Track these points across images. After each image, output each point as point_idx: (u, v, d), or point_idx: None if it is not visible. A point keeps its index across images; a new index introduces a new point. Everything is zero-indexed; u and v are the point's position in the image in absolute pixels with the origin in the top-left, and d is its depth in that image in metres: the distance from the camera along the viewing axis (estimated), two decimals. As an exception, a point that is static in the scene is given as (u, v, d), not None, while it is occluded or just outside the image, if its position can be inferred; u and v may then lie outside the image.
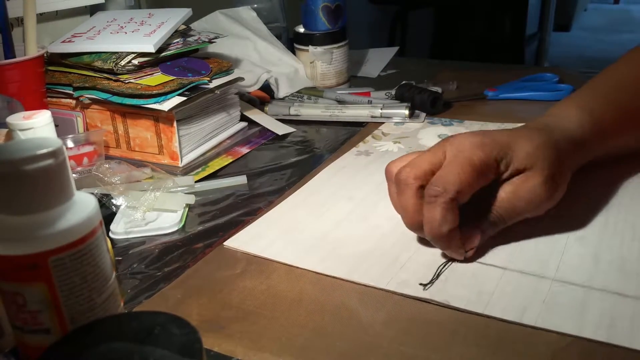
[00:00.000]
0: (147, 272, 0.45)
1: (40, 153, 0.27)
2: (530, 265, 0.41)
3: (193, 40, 0.68)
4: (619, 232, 0.44)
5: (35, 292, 0.28)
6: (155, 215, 0.52)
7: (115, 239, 0.50)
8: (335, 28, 0.83)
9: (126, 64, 0.61)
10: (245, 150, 0.67)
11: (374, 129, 0.69)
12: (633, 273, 0.39)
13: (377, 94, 0.79)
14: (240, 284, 0.42)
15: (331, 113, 0.73)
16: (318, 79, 0.84)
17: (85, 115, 0.64)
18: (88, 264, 0.29)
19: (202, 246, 0.48)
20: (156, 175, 0.58)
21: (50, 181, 0.28)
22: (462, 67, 0.93)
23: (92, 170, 0.56)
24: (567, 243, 0.43)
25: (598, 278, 0.39)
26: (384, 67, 0.97)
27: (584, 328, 0.34)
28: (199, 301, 0.40)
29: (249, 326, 0.37)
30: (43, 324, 0.29)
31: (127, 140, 0.63)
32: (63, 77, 0.64)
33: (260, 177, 0.60)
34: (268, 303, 0.39)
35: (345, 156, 0.62)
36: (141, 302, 0.41)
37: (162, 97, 0.59)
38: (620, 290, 0.37)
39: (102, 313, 0.30)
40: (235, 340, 0.36)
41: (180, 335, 0.26)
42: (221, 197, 0.56)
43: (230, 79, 0.66)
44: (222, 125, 0.68)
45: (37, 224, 0.28)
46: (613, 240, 0.43)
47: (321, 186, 0.56)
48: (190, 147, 0.63)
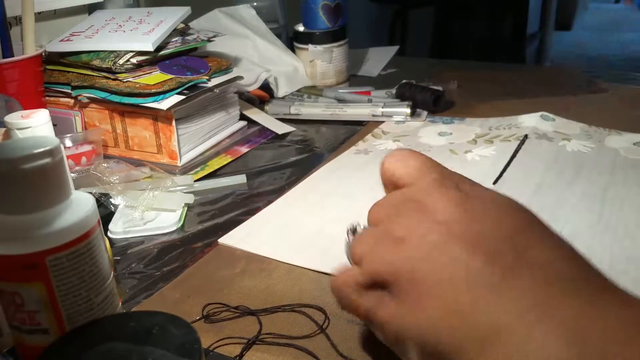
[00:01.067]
0: (145, 271, 0.45)
1: (38, 152, 0.27)
2: None
3: (192, 39, 0.68)
4: (611, 228, 0.44)
5: (33, 291, 0.28)
6: (154, 214, 0.52)
7: (114, 239, 0.50)
8: (335, 27, 0.83)
9: (125, 62, 0.61)
10: (244, 150, 0.67)
11: (374, 128, 0.69)
12: (620, 272, 0.39)
13: (377, 93, 0.79)
14: (240, 283, 0.42)
15: (332, 112, 0.73)
16: (318, 78, 0.84)
17: (84, 114, 0.64)
18: (86, 264, 0.29)
19: (201, 245, 0.48)
20: (155, 174, 0.58)
21: (48, 180, 0.28)
22: (462, 67, 0.93)
23: (90, 170, 0.56)
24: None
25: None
26: (384, 66, 0.97)
27: None
28: (198, 301, 0.40)
29: (248, 326, 0.37)
30: (41, 324, 0.29)
31: (126, 139, 0.63)
32: (61, 76, 0.64)
33: (260, 176, 0.60)
34: (268, 302, 0.39)
35: (344, 154, 0.62)
36: (140, 302, 0.41)
37: (160, 95, 0.58)
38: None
39: (100, 313, 0.30)
40: (234, 340, 0.36)
41: (179, 335, 0.26)
42: (220, 197, 0.56)
43: (229, 78, 0.66)
44: (221, 124, 0.68)
45: (35, 224, 0.28)
46: (605, 237, 0.43)
47: (317, 184, 0.56)
48: (189, 146, 0.63)
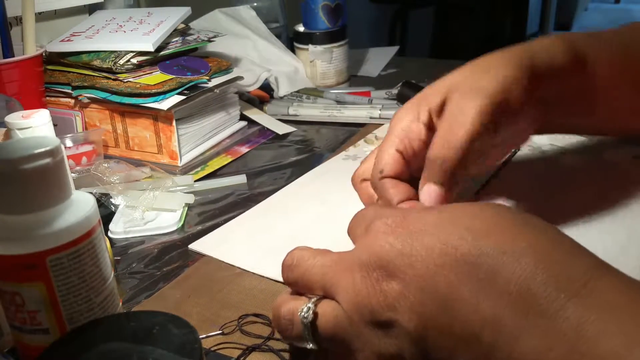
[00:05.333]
0: (146, 271, 0.45)
1: (38, 152, 0.27)
2: None
3: (192, 39, 0.68)
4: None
5: (34, 292, 0.28)
6: (155, 214, 0.52)
7: (114, 239, 0.50)
8: (335, 27, 0.83)
9: (125, 62, 0.61)
10: (244, 150, 0.67)
11: (373, 129, 0.69)
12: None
13: (377, 94, 0.79)
14: (240, 283, 0.42)
15: (330, 114, 0.73)
16: (318, 78, 0.84)
17: (84, 115, 0.64)
18: (86, 264, 0.29)
19: (202, 246, 0.48)
20: (155, 174, 0.58)
21: (48, 180, 0.28)
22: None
23: (91, 170, 0.56)
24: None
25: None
26: (384, 67, 0.97)
27: None
28: (198, 301, 0.40)
29: (248, 326, 0.37)
30: (41, 324, 0.29)
31: (126, 139, 0.63)
32: (62, 76, 0.64)
33: (260, 176, 0.60)
34: (267, 302, 0.39)
35: (332, 160, 0.61)
36: (140, 301, 0.41)
37: (161, 96, 0.58)
38: None
39: (101, 313, 0.30)
40: (234, 340, 0.36)
41: (179, 335, 0.26)
42: (220, 197, 0.56)
43: (229, 78, 0.66)
44: (221, 125, 0.68)
45: (35, 224, 0.28)
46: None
47: (298, 190, 0.55)
48: (190, 146, 0.63)
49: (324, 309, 0.29)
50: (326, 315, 0.29)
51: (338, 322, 0.28)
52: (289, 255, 0.32)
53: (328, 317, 0.29)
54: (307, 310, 0.29)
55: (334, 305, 0.29)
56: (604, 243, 0.41)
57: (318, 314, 0.29)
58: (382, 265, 0.27)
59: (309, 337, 0.29)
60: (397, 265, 0.26)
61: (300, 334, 0.29)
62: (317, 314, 0.29)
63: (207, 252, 0.46)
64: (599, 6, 4.26)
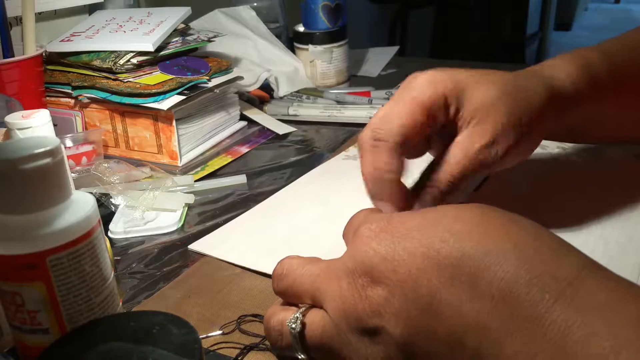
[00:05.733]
0: (146, 271, 0.45)
1: (38, 152, 0.27)
2: None
3: (192, 39, 0.68)
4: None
5: (34, 291, 0.28)
6: (155, 214, 0.52)
7: (114, 239, 0.50)
8: (335, 27, 0.83)
9: (125, 62, 0.61)
10: (244, 150, 0.67)
11: (373, 128, 0.69)
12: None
13: (377, 94, 0.79)
14: (240, 283, 0.42)
15: (330, 114, 0.73)
16: (318, 78, 0.84)
17: (84, 115, 0.64)
18: (86, 264, 0.29)
19: (202, 246, 0.48)
20: (155, 174, 0.58)
21: (48, 180, 0.28)
22: (462, 67, 0.92)
23: (91, 170, 0.56)
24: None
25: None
26: (384, 67, 0.97)
27: None
28: (198, 301, 0.40)
29: (248, 326, 0.37)
30: (41, 324, 0.29)
31: (126, 139, 0.63)
32: (62, 76, 0.64)
33: (260, 176, 0.60)
34: (267, 302, 0.39)
35: (333, 160, 0.61)
36: (140, 301, 0.41)
37: (161, 96, 0.58)
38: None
39: (101, 313, 0.30)
40: (233, 340, 0.36)
41: (179, 335, 0.26)
42: (220, 197, 0.56)
43: (229, 78, 0.66)
44: (221, 125, 0.68)
45: (35, 223, 0.28)
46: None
47: (298, 190, 0.55)
48: (190, 146, 0.63)
49: (311, 319, 0.29)
50: (314, 325, 0.29)
51: (325, 331, 0.28)
52: (279, 265, 0.32)
53: (316, 327, 0.28)
54: (295, 321, 0.29)
55: (322, 314, 0.29)
56: (604, 242, 0.41)
57: (306, 324, 0.29)
58: (367, 272, 0.26)
59: (298, 347, 0.29)
60: (382, 271, 0.26)
61: (290, 344, 0.29)
62: (305, 324, 0.29)
63: (207, 252, 0.46)
64: (599, 6, 4.26)
